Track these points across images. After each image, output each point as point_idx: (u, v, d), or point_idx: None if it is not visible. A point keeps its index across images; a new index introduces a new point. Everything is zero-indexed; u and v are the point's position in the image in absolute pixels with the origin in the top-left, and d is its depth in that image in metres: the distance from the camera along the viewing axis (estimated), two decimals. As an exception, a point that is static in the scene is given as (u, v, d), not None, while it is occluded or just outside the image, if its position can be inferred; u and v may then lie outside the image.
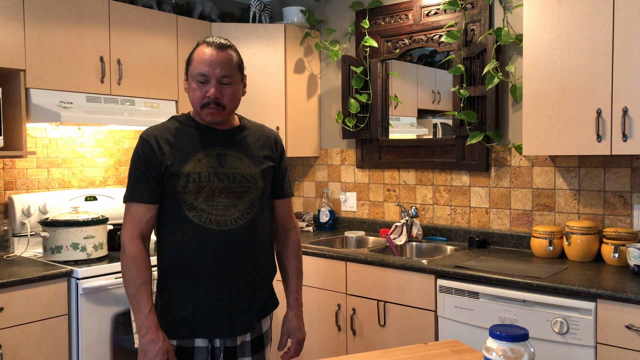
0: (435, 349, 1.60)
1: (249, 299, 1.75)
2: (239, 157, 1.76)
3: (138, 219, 1.69)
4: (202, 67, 1.68)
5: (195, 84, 1.70)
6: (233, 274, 1.71)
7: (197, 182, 1.68)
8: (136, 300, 1.65)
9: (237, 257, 1.71)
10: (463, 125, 2.98)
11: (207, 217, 1.69)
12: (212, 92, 1.68)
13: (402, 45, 3.26)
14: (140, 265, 1.67)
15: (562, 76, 2.37)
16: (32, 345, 2.35)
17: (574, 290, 2.10)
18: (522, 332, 1.13)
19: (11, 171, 2.92)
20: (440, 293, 2.46)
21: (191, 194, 1.68)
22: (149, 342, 1.61)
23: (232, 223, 1.70)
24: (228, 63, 1.70)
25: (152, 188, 1.69)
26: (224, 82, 1.69)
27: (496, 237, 2.93)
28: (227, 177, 1.72)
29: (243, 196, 1.73)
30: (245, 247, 1.73)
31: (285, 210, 1.92)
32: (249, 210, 1.74)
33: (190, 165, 1.69)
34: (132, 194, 1.70)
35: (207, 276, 1.69)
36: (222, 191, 1.70)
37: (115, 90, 2.93)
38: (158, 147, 1.70)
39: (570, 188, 2.71)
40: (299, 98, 3.53)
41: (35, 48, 2.63)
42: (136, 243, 1.68)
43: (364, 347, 2.73)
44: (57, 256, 2.62)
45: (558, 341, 2.13)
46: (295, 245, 1.92)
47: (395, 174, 3.34)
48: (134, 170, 1.71)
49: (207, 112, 1.71)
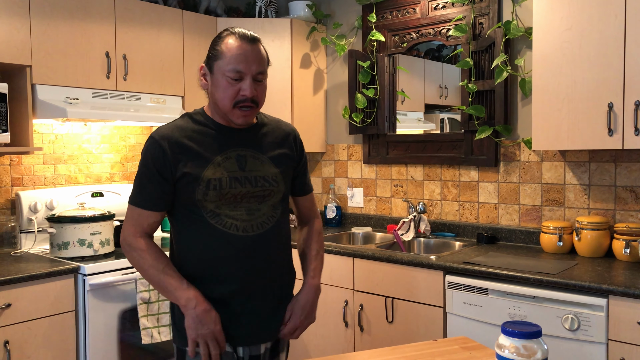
0: (445, 346, 1.58)
1: (273, 306, 1.67)
2: (259, 157, 1.65)
3: (141, 222, 1.61)
4: (236, 63, 1.54)
5: (227, 81, 1.55)
6: (258, 281, 1.63)
7: (218, 190, 1.57)
8: (166, 281, 1.56)
9: (264, 263, 1.63)
10: (471, 119, 2.95)
11: (231, 224, 1.59)
12: (249, 91, 1.55)
13: (410, 39, 3.23)
14: (155, 253, 1.59)
15: (573, 69, 2.34)
16: (39, 342, 2.35)
17: (585, 287, 2.07)
18: (535, 329, 1.11)
19: (18, 167, 2.92)
20: (448, 289, 2.44)
21: (212, 202, 1.57)
22: (204, 312, 1.52)
23: (258, 228, 1.61)
24: (262, 58, 1.59)
25: (161, 196, 1.59)
26: (258, 78, 1.58)
27: (505, 233, 2.90)
28: (248, 181, 1.61)
29: (266, 199, 1.63)
30: (272, 251, 1.65)
31: (307, 205, 1.85)
32: (274, 214, 1.66)
33: (209, 171, 1.58)
34: (138, 199, 1.60)
35: (231, 283, 1.60)
36: (245, 196, 1.60)
37: (121, 86, 2.92)
38: (172, 151, 1.57)
39: (581, 183, 2.67)
40: (306, 93, 3.51)
41: (41, 44, 2.62)
42: (141, 239, 1.60)
43: (372, 344, 2.71)
44: (63, 252, 2.62)
45: (569, 338, 2.11)
46: (316, 230, 1.83)
47: (403, 169, 3.32)
48: (143, 174, 1.60)
49: (239, 113, 1.58)
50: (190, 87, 3.21)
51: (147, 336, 2.54)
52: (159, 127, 1.64)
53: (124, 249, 1.63)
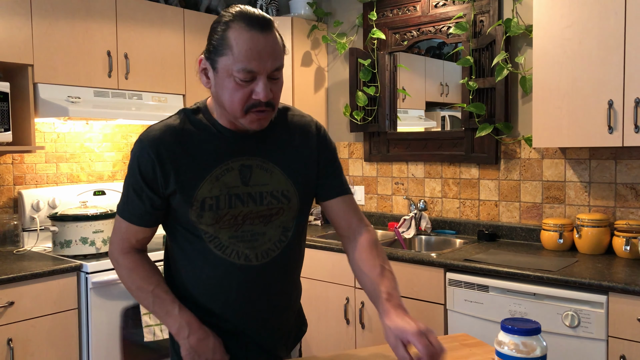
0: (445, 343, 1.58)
1: (277, 338, 1.45)
2: (268, 167, 1.36)
3: (128, 237, 1.39)
4: (247, 61, 1.22)
5: (236, 81, 1.24)
6: (265, 315, 1.40)
7: (214, 210, 1.31)
8: (158, 304, 1.35)
9: (268, 295, 1.39)
10: (472, 117, 2.95)
11: (232, 250, 1.34)
12: (264, 95, 1.24)
13: (410, 37, 3.23)
14: (144, 272, 1.38)
15: (573, 67, 2.34)
16: (42, 339, 2.36)
17: (585, 284, 2.08)
18: (534, 325, 1.11)
19: (20, 166, 2.93)
20: (449, 286, 2.44)
21: (208, 225, 1.32)
22: (199, 342, 1.31)
23: (263, 257, 1.35)
24: (279, 50, 1.26)
25: (148, 210, 1.34)
26: (274, 76, 1.26)
27: (506, 230, 2.91)
28: (252, 198, 1.34)
29: (272, 220, 1.36)
30: (280, 283, 1.40)
31: (346, 210, 1.46)
32: (282, 237, 1.38)
33: (205, 188, 1.31)
34: (124, 211, 1.37)
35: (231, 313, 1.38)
36: (247, 217, 1.33)
37: (123, 85, 2.93)
38: (161, 162, 1.31)
39: (581, 180, 2.68)
40: (306, 91, 3.52)
41: (42, 43, 2.63)
42: (129, 256, 1.40)
43: (373, 341, 2.72)
44: (66, 250, 2.63)
45: (569, 335, 2.12)
46: (369, 243, 1.43)
47: (404, 167, 3.33)
48: (130, 184, 1.36)
49: (253, 118, 1.27)
50: (192, 85, 3.22)
51: (149, 334, 2.55)
52: (149, 128, 1.37)
53: (112, 263, 1.43)
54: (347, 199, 1.47)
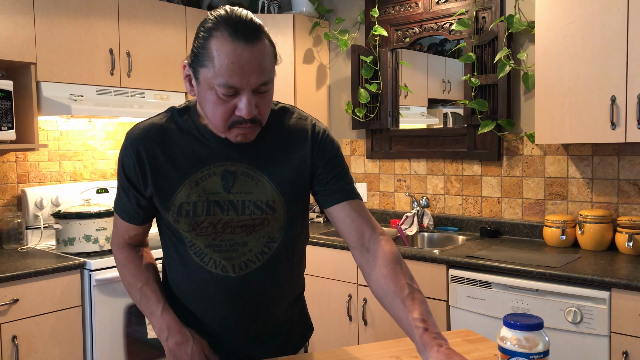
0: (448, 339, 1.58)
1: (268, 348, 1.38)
2: (253, 175, 1.26)
3: (122, 233, 1.39)
4: (228, 76, 1.11)
5: (216, 96, 1.14)
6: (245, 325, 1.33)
7: (190, 217, 1.24)
8: (144, 303, 1.34)
9: (250, 308, 1.31)
10: (474, 114, 2.95)
11: (209, 259, 1.27)
12: (246, 112, 1.14)
13: (412, 33, 3.23)
14: (135, 268, 1.38)
15: (575, 63, 2.34)
16: (46, 336, 2.37)
17: (587, 280, 2.08)
18: (536, 321, 1.11)
19: (24, 164, 2.94)
20: (452, 283, 2.45)
21: (188, 231, 1.26)
22: (177, 346, 1.29)
23: (241, 268, 1.27)
24: (267, 62, 1.15)
25: (135, 209, 1.32)
26: (260, 90, 1.16)
27: (508, 227, 2.91)
28: (233, 207, 1.25)
29: (255, 230, 1.27)
30: (260, 297, 1.31)
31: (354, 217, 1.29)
32: (265, 249, 1.29)
33: (182, 193, 1.24)
34: (116, 207, 1.37)
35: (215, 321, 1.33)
36: (227, 225, 1.25)
37: (125, 83, 2.93)
38: (140, 165, 1.26)
39: (584, 176, 2.68)
40: (308, 88, 3.52)
41: (45, 41, 2.64)
42: (124, 251, 1.40)
43: (376, 337, 2.73)
44: (69, 248, 2.64)
45: (571, 330, 2.12)
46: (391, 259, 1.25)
47: (406, 164, 3.33)
48: (118, 181, 1.34)
49: (237, 133, 1.19)
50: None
51: (153, 331, 2.56)
52: (135, 125, 1.32)
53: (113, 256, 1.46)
54: (355, 204, 1.31)
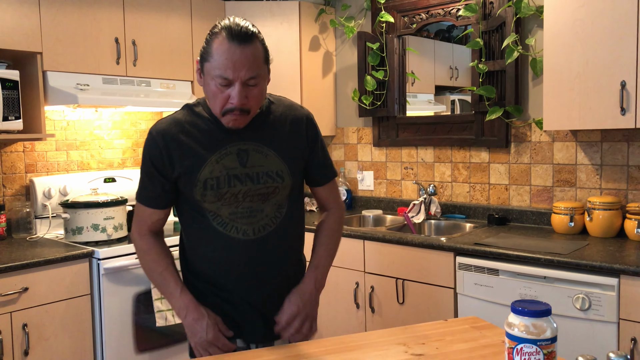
0: (455, 326, 1.59)
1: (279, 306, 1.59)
2: (263, 151, 1.53)
3: (144, 219, 1.59)
4: (223, 69, 1.40)
5: (215, 86, 1.43)
6: (263, 283, 1.57)
7: (215, 190, 1.48)
8: (164, 285, 1.55)
9: (268, 266, 1.56)
10: (482, 100, 2.93)
11: (232, 226, 1.51)
12: (237, 100, 1.42)
13: (419, 20, 3.20)
14: (156, 254, 1.58)
15: (585, 48, 2.31)
16: (56, 324, 2.40)
17: (596, 267, 2.07)
18: (544, 307, 1.11)
19: (31, 154, 2.96)
20: (459, 270, 2.44)
21: (211, 203, 1.50)
22: (194, 321, 1.50)
23: (259, 231, 1.53)
24: (254, 61, 1.42)
25: (160, 193, 1.54)
26: (249, 83, 1.43)
27: (516, 214, 2.90)
28: (249, 178, 1.50)
29: (269, 198, 1.53)
30: (276, 255, 1.57)
31: (326, 194, 1.70)
32: (277, 213, 1.55)
33: (206, 170, 1.49)
34: (140, 195, 1.57)
35: (237, 286, 1.56)
36: (246, 195, 1.50)
37: (131, 72, 2.93)
38: (167, 151, 1.50)
39: (592, 163, 2.65)
40: (315, 76, 3.50)
41: (51, 30, 2.63)
42: (145, 239, 1.60)
43: (383, 325, 2.73)
44: (78, 237, 2.66)
45: (580, 317, 2.11)
46: (329, 221, 1.70)
47: (413, 151, 3.31)
48: (144, 171, 1.55)
49: (228, 119, 1.47)
50: (198, 84, 3.21)
51: (161, 319, 2.58)
52: (158, 121, 1.57)
53: (133, 244, 1.65)
54: (332, 183, 1.70)
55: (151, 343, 2.67)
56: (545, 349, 1.09)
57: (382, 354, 1.39)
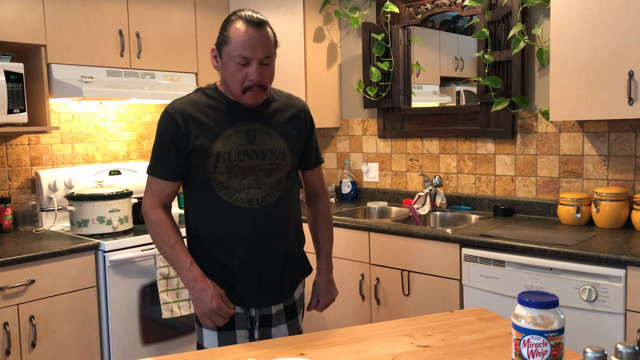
0: (461, 317, 1.59)
1: (280, 273, 1.77)
2: (268, 131, 1.72)
3: (158, 192, 1.72)
4: (243, 49, 1.60)
5: (234, 66, 1.62)
6: (264, 250, 1.73)
7: (227, 162, 1.66)
8: (174, 258, 1.68)
9: (268, 234, 1.72)
10: (488, 91, 2.91)
11: (238, 196, 1.68)
12: (255, 76, 1.62)
13: (424, 10, 3.17)
14: (168, 228, 1.70)
15: (592, 37, 2.28)
16: (63, 316, 2.41)
17: (603, 258, 2.06)
18: (552, 298, 1.10)
19: (36, 147, 2.96)
20: (465, 262, 2.44)
21: (222, 174, 1.67)
22: (201, 291, 1.64)
23: (262, 201, 1.70)
24: (268, 42, 1.64)
25: (174, 166, 1.69)
26: (264, 62, 1.63)
27: (522, 205, 2.89)
28: (256, 154, 1.69)
29: (273, 173, 1.71)
30: (276, 224, 1.73)
31: (315, 179, 1.92)
32: (278, 187, 1.73)
33: (219, 144, 1.66)
34: (154, 169, 1.71)
35: (239, 252, 1.71)
36: (253, 169, 1.68)
37: (135, 64, 2.92)
38: (185, 124, 1.66)
39: (599, 154, 2.64)
40: (319, 68, 3.49)
41: (54, 23, 2.63)
42: (158, 211, 1.72)
43: (388, 316, 2.73)
44: (83, 230, 2.66)
45: (586, 309, 2.10)
46: (324, 211, 1.93)
47: (418, 143, 3.30)
48: (158, 145, 1.70)
49: (249, 96, 1.65)
50: (204, 63, 3.20)
51: (167, 311, 2.59)
52: (173, 101, 1.72)
53: (144, 218, 1.74)
54: (319, 169, 1.92)
55: (157, 335, 2.68)
56: (553, 341, 1.08)
57: (388, 346, 1.39)
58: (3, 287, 2.22)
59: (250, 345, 1.45)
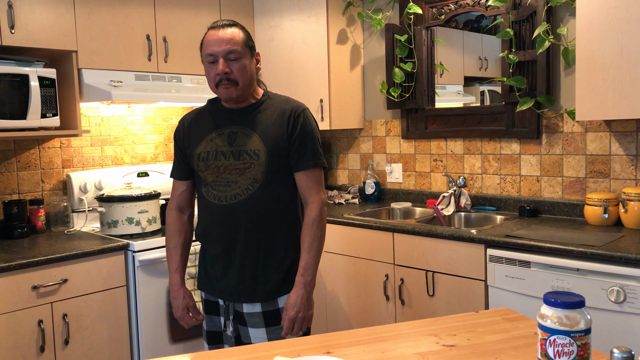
0: (486, 317, 1.59)
1: (251, 272, 1.83)
2: (248, 133, 1.82)
3: (174, 193, 1.97)
4: (209, 48, 1.78)
5: (207, 66, 1.80)
6: (232, 247, 1.84)
7: (205, 161, 1.83)
8: (168, 260, 1.95)
9: (235, 231, 1.82)
10: (512, 91, 2.89)
11: (212, 193, 1.84)
12: (220, 69, 1.76)
13: (448, 10, 3.17)
14: (172, 231, 1.95)
15: (619, 36, 2.26)
16: (94, 314, 2.47)
17: (631, 259, 2.03)
18: (578, 298, 1.10)
19: (68, 150, 3.04)
20: (490, 262, 2.43)
21: (202, 172, 1.84)
22: (172, 299, 1.92)
23: (230, 199, 1.81)
24: (232, 39, 1.78)
25: (181, 167, 1.94)
26: (230, 58, 1.77)
27: (548, 206, 2.86)
28: (232, 155, 1.81)
29: (245, 172, 1.80)
30: (242, 222, 1.81)
31: (303, 183, 1.85)
32: (250, 187, 1.81)
33: (202, 146, 1.85)
34: (171, 172, 1.99)
35: (216, 246, 1.87)
36: (227, 168, 1.81)
37: (162, 68, 2.98)
38: (184, 130, 1.92)
39: (627, 153, 2.60)
40: (342, 69, 3.51)
41: (85, 29, 2.70)
42: (171, 213, 1.97)
43: (413, 317, 2.74)
44: (113, 230, 2.73)
45: (614, 310, 2.08)
46: (310, 220, 1.82)
47: (442, 143, 3.29)
48: (174, 150, 1.99)
49: (221, 90, 1.80)
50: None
51: (194, 310, 2.63)
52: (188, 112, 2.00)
53: None
54: (309, 172, 1.85)
55: (185, 333, 2.73)
56: (579, 341, 1.08)
57: (413, 345, 1.40)
58: (37, 285, 2.30)
59: (276, 343, 1.48)
